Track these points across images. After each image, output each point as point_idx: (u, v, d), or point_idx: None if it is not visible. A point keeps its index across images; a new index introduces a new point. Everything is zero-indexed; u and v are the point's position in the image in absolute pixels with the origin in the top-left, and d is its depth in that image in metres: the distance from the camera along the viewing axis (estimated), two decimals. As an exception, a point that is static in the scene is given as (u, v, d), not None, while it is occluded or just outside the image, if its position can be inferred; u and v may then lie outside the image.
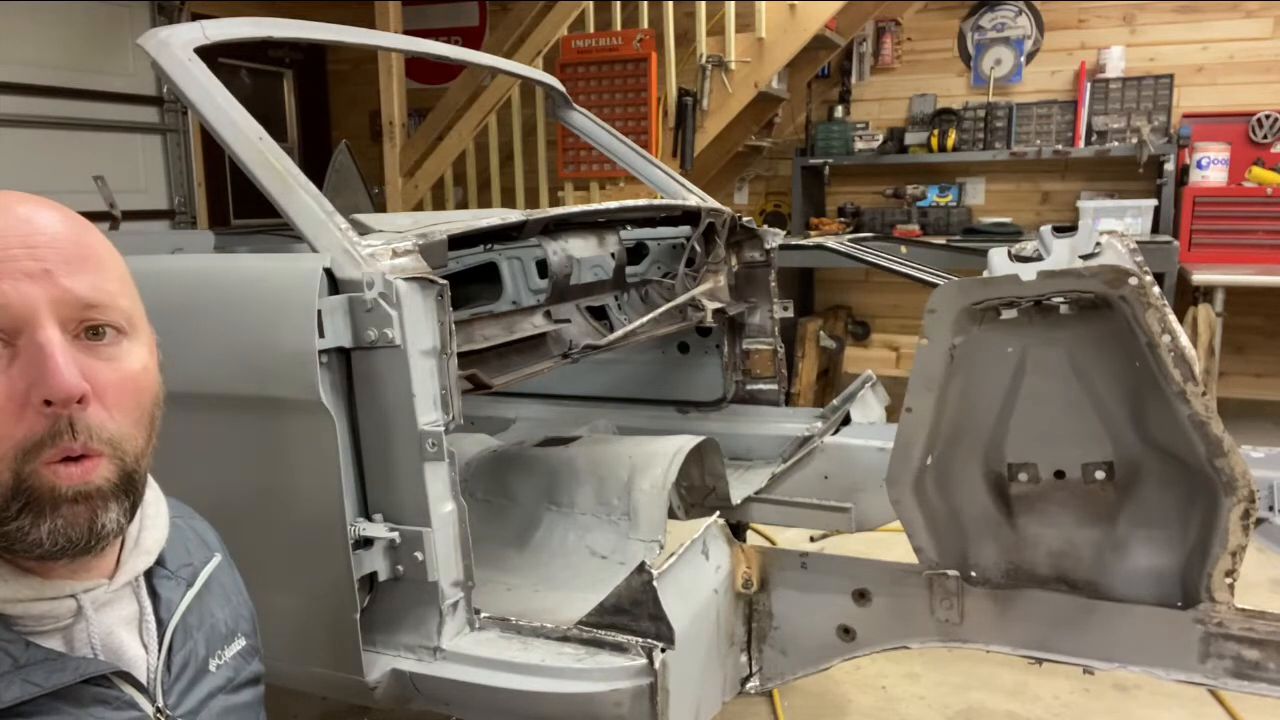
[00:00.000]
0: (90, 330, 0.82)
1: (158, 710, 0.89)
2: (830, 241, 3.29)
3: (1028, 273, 1.44)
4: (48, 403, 0.77)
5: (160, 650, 0.92)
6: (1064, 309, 1.53)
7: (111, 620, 0.89)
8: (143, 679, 0.89)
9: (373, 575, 1.54)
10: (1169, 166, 4.96)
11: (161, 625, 0.93)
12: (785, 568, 1.77)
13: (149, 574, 0.94)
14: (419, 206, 5.39)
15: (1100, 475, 1.60)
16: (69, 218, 0.85)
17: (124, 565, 0.90)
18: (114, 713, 0.85)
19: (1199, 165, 4.92)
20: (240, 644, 1.03)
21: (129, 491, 0.85)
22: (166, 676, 0.92)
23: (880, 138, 5.64)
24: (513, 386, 1.86)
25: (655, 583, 1.49)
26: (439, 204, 5.51)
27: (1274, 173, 4.81)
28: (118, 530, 0.85)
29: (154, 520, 0.95)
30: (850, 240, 3.70)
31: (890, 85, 5.79)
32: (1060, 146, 5.27)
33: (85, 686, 0.83)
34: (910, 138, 5.55)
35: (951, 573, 1.65)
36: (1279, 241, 4.70)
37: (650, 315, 2.22)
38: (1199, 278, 4.42)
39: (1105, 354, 1.53)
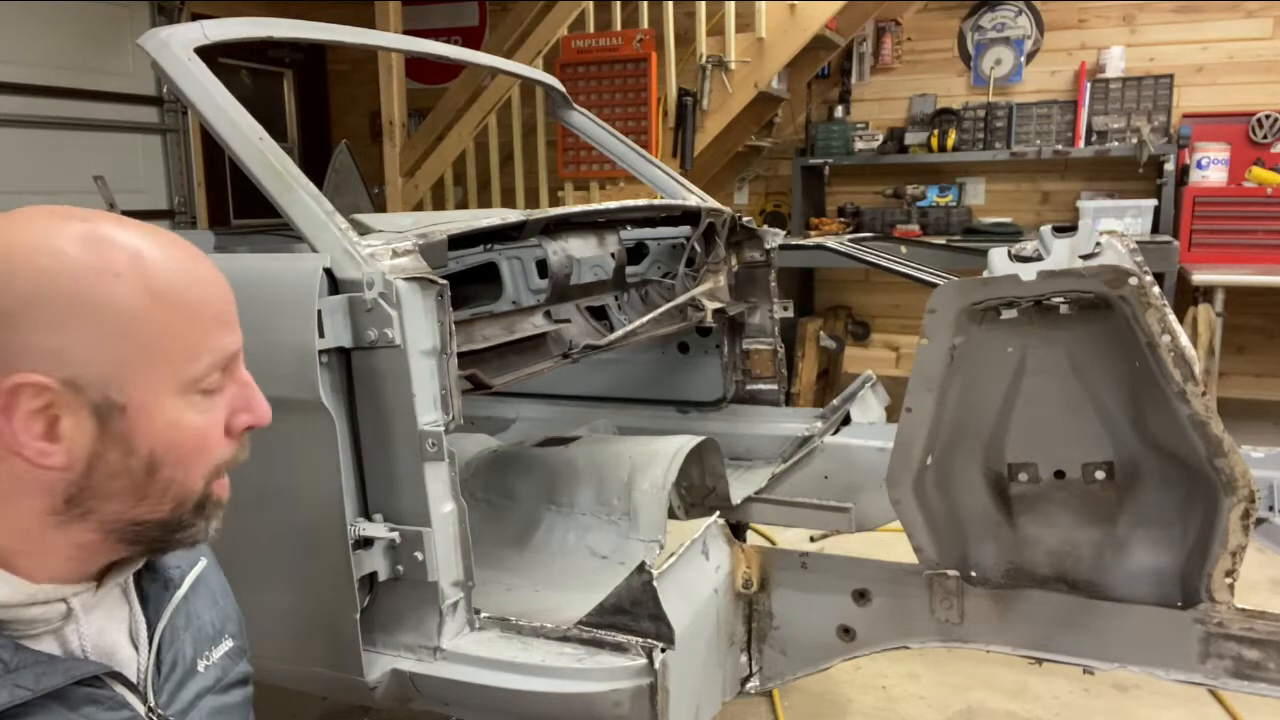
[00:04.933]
0: None
1: (149, 709, 0.89)
2: (830, 241, 3.29)
3: (1028, 273, 1.44)
4: (248, 428, 0.91)
5: (150, 651, 0.92)
6: (1064, 309, 1.53)
7: (102, 622, 0.89)
8: (134, 679, 0.89)
9: (373, 575, 1.54)
10: (1169, 166, 4.96)
11: (150, 626, 0.94)
12: (785, 568, 1.77)
13: (137, 576, 0.95)
14: (419, 206, 5.38)
15: (1100, 475, 1.60)
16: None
17: (114, 568, 0.90)
18: (106, 713, 0.85)
19: (1199, 165, 4.91)
20: (227, 645, 1.04)
21: None
22: (156, 676, 0.92)
23: (880, 138, 5.63)
24: (513, 386, 1.86)
25: (655, 583, 1.49)
26: (439, 204, 5.50)
27: (1274, 173, 4.81)
28: None
29: None
30: (850, 240, 3.70)
31: (890, 85, 5.79)
32: (1060, 146, 5.27)
33: (77, 687, 0.83)
34: (910, 138, 5.54)
35: (951, 573, 1.65)
36: (1279, 241, 4.70)
37: (650, 315, 2.22)
38: (1199, 278, 4.42)
39: (1105, 354, 1.53)
